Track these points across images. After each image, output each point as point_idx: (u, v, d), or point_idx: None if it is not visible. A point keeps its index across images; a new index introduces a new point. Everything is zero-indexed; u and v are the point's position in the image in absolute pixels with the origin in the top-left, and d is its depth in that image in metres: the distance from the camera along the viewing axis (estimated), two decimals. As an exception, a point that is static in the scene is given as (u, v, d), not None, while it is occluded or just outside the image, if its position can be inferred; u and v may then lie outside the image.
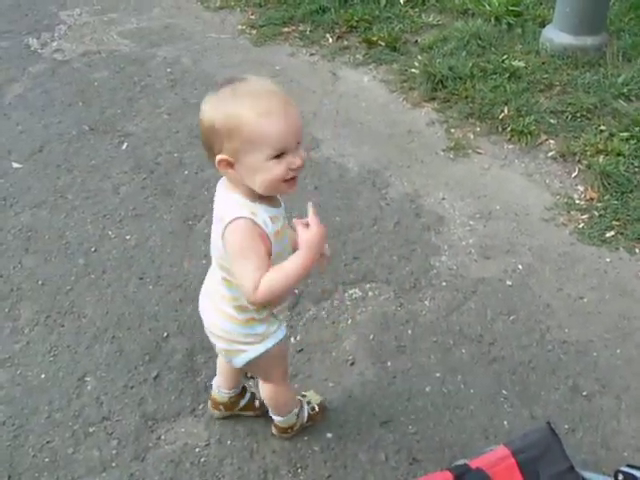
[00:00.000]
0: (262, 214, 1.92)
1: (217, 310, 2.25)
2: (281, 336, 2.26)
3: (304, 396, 2.71)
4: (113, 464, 2.61)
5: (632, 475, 1.67)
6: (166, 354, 3.01)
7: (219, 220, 1.97)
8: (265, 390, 2.50)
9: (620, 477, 1.69)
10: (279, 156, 1.82)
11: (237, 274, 1.96)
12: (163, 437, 2.71)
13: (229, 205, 1.96)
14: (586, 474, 1.81)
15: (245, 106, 1.78)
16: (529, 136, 4.36)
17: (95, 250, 3.58)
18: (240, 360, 2.26)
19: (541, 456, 1.75)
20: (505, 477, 1.71)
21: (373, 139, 4.41)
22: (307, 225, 1.93)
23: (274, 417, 2.60)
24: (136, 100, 4.89)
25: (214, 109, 1.85)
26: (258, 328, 2.19)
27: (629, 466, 1.70)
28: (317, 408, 2.69)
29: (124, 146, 4.40)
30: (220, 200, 2.03)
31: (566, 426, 2.72)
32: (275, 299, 2.04)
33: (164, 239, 3.64)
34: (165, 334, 3.10)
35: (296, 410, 2.59)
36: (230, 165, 1.87)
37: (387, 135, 4.45)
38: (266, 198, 1.95)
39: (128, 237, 3.67)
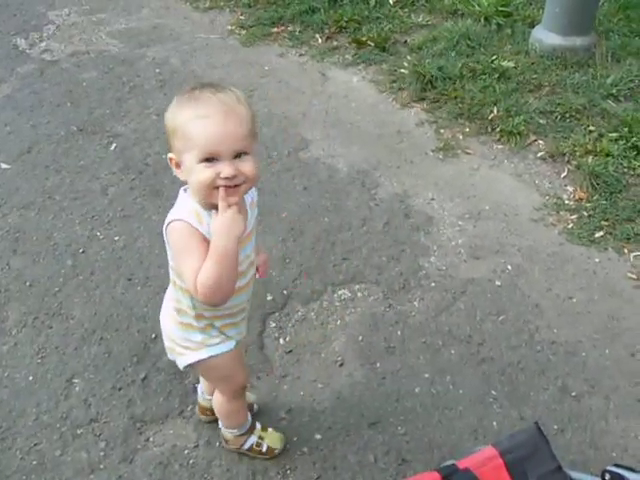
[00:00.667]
0: (208, 219, 1.92)
1: (165, 308, 2.32)
2: (224, 350, 2.23)
3: (264, 430, 2.64)
4: (101, 466, 2.60)
5: (619, 474, 1.66)
6: (154, 355, 3.00)
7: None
8: (214, 393, 2.51)
9: (607, 477, 1.69)
10: (209, 160, 1.82)
11: (182, 276, 1.97)
12: (151, 439, 2.70)
13: (176, 205, 2.00)
14: (574, 474, 1.81)
15: (189, 107, 1.83)
16: (518, 136, 4.36)
17: (83, 251, 3.57)
18: (180, 362, 2.28)
19: (529, 456, 1.74)
20: (493, 477, 1.70)
21: (362, 139, 4.41)
22: None
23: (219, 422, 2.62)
24: (125, 100, 4.87)
25: (170, 109, 1.91)
26: (194, 335, 2.19)
27: (616, 465, 1.70)
28: (265, 449, 2.59)
29: (113, 147, 4.38)
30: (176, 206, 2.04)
31: (555, 426, 2.72)
32: (218, 293, 1.91)
33: (152, 240, 3.62)
34: (153, 335, 3.08)
35: (237, 431, 2.57)
36: (177, 165, 1.92)
37: (376, 135, 4.45)
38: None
39: (116, 238, 3.65)
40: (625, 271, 3.45)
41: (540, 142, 4.35)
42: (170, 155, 1.92)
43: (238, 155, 1.85)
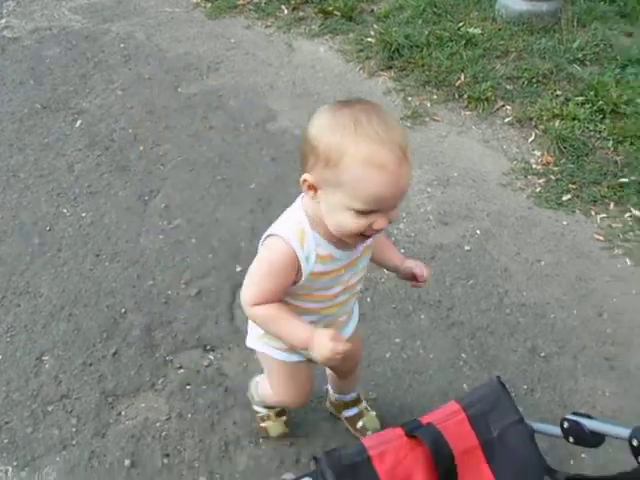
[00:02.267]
0: (311, 247, 1.75)
1: None
2: (277, 356, 2.11)
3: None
4: (73, 442, 2.59)
5: (576, 422, 1.68)
6: (124, 330, 2.98)
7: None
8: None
9: (566, 425, 1.71)
10: (365, 212, 1.61)
11: (248, 276, 1.83)
12: (123, 413, 2.69)
13: (284, 219, 1.83)
14: (535, 425, 1.83)
15: (359, 147, 1.53)
16: (486, 102, 4.37)
17: (50, 229, 3.53)
18: (247, 340, 2.22)
19: (491, 409, 1.75)
20: (456, 431, 1.71)
21: (330, 109, 4.37)
22: None
23: None
24: (89, 77, 4.80)
25: (325, 130, 1.60)
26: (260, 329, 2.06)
27: (574, 414, 1.72)
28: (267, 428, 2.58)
29: (78, 123, 4.33)
30: (285, 215, 1.87)
31: (525, 387, 2.75)
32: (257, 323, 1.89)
33: (120, 215, 3.59)
34: (123, 310, 3.06)
35: (261, 412, 2.57)
36: (313, 189, 1.67)
37: (344, 105, 4.41)
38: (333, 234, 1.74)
39: (83, 215, 3.61)
40: (592, 233, 3.48)
41: (507, 107, 4.36)
42: (307, 177, 1.66)
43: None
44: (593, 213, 3.59)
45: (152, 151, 4.06)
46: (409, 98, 4.46)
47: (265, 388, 2.38)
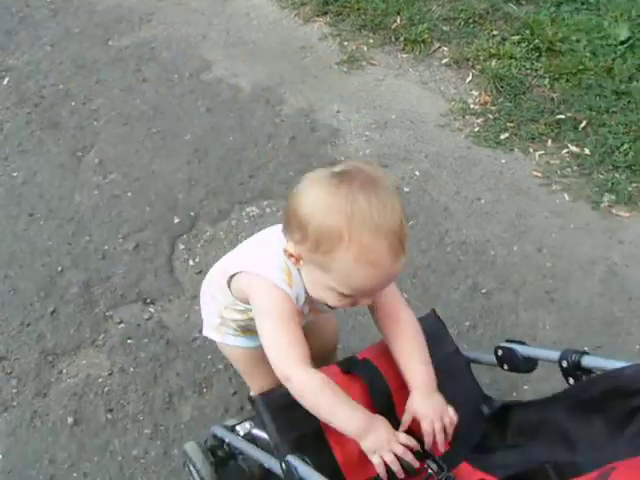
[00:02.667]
0: (301, 290, 1.64)
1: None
2: (236, 343, 2.04)
3: None
4: (14, 403, 2.54)
5: (510, 349, 1.69)
6: (62, 288, 2.92)
7: (231, 262, 1.77)
8: None
9: (500, 352, 1.72)
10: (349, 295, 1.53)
11: (269, 342, 1.63)
12: (65, 371, 2.65)
13: (263, 255, 1.68)
14: (471, 354, 1.84)
15: (354, 240, 1.40)
16: (422, 44, 4.33)
17: (-20, 190, 3.42)
18: (203, 328, 2.16)
19: (427, 341, 1.75)
20: (392, 365, 1.71)
21: (266, 57, 4.31)
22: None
23: None
24: (15, 33, 4.62)
25: (318, 209, 1.44)
26: (216, 321, 2.03)
27: (508, 341, 1.73)
28: None
29: (5, 81, 4.17)
30: (262, 244, 1.76)
31: (467, 323, 2.77)
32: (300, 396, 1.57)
33: (53, 173, 3.49)
34: (59, 268, 2.99)
35: None
36: (296, 259, 1.56)
37: (280, 52, 4.35)
38: None
39: (15, 174, 3.50)
40: (531, 170, 3.49)
41: (444, 49, 4.33)
42: (291, 252, 1.55)
43: None
44: (531, 150, 3.60)
45: (84, 106, 3.94)
46: (345, 43, 4.40)
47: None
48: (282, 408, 1.60)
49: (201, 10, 4.81)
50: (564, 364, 1.54)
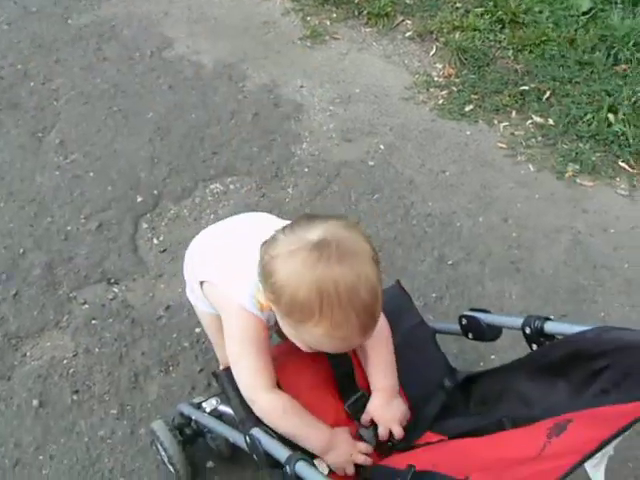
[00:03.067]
0: (272, 315, 1.61)
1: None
2: (206, 309, 2.01)
3: None
4: (-23, 388, 2.50)
5: (474, 317, 1.69)
6: (24, 270, 2.87)
7: (212, 268, 1.77)
8: None
9: (464, 321, 1.72)
10: None
11: (236, 363, 1.65)
12: (29, 354, 2.60)
13: (238, 283, 1.65)
14: (437, 325, 1.84)
15: (324, 315, 1.38)
16: (386, 18, 4.31)
17: (-62, 172, 3.35)
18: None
19: (392, 314, 1.75)
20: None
21: (228, 33, 4.26)
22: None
23: None
24: (-30, 13, 4.54)
25: (292, 281, 1.41)
26: (197, 290, 1.96)
27: (472, 310, 1.73)
28: None
29: (-39, 62, 4.10)
30: (238, 252, 1.72)
31: (434, 295, 2.77)
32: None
33: (13, 154, 3.43)
34: (21, 250, 2.95)
35: None
36: (269, 308, 1.56)
37: (242, 28, 4.30)
38: None
39: (-26, 153, 3.45)
40: (495, 141, 3.50)
41: (408, 22, 4.31)
42: (260, 299, 1.56)
43: None
44: (496, 122, 3.60)
45: (44, 86, 3.87)
46: (308, 18, 4.37)
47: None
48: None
49: (162, -14, 4.74)
50: (527, 330, 1.55)
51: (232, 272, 1.70)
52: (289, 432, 1.55)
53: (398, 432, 1.61)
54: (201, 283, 1.85)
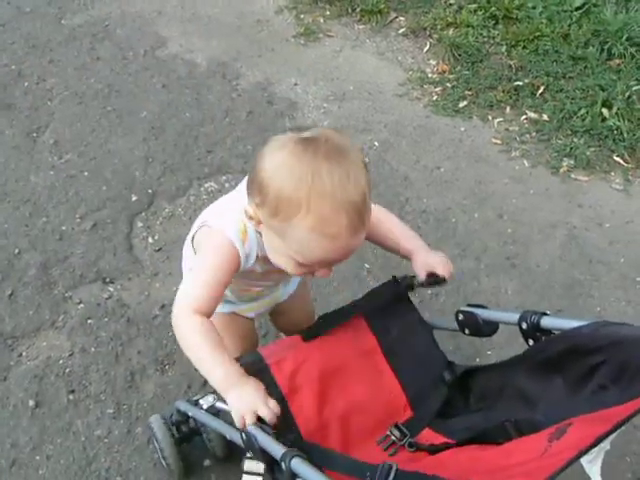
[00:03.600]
0: (253, 246, 1.59)
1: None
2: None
3: None
4: (-27, 388, 2.50)
5: (471, 312, 1.69)
6: (19, 270, 2.86)
7: (202, 217, 1.70)
8: None
9: (461, 317, 1.72)
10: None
11: (190, 277, 1.65)
12: (25, 354, 2.60)
13: (222, 210, 1.66)
14: (434, 321, 1.84)
15: (312, 211, 1.35)
16: (379, 15, 4.31)
17: None
18: None
19: (389, 310, 1.76)
20: (354, 334, 1.72)
21: (221, 32, 4.26)
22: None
23: None
24: (-36, 13, 4.53)
25: (280, 174, 1.38)
26: None
27: (469, 305, 1.73)
28: None
29: (-45, 63, 4.09)
30: (227, 199, 1.70)
31: (429, 292, 2.76)
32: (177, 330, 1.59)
33: (7, 155, 3.42)
34: (17, 250, 2.94)
35: None
36: (256, 221, 1.50)
37: (236, 27, 4.31)
38: None
39: (-31, 157, 3.44)
40: (490, 137, 3.50)
41: (401, 19, 4.32)
42: (252, 214, 1.48)
43: None
44: (490, 118, 3.61)
45: (38, 86, 3.87)
46: (302, 16, 4.37)
47: None
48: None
49: (155, -15, 4.74)
50: (524, 326, 1.54)
51: (222, 209, 1.68)
52: (192, 356, 1.53)
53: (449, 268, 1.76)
54: (194, 234, 1.78)
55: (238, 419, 1.47)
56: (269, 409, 1.46)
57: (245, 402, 1.47)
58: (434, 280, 1.74)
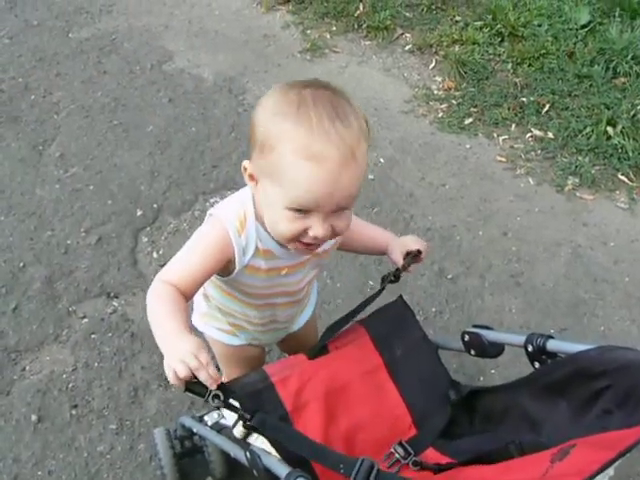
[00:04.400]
0: (251, 238, 1.55)
1: None
2: (219, 338, 1.94)
3: None
4: (-24, 402, 2.49)
5: (476, 334, 1.69)
6: (24, 284, 2.87)
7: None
8: None
9: (466, 338, 1.72)
10: (300, 211, 1.39)
11: (173, 260, 1.58)
12: (28, 368, 2.60)
13: (230, 200, 1.60)
14: (439, 340, 1.83)
15: (296, 133, 1.32)
16: (385, 31, 4.33)
17: (-62, 186, 3.35)
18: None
19: (395, 329, 1.76)
20: (360, 352, 1.72)
21: (228, 47, 4.27)
22: None
23: None
24: (-28, 26, 4.55)
25: (267, 112, 1.38)
26: (202, 304, 1.91)
27: (474, 326, 1.73)
28: None
29: (-38, 75, 4.11)
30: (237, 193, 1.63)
31: (433, 309, 2.76)
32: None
33: (13, 167, 3.44)
34: (21, 264, 2.95)
35: None
36: (253, 179, 1.46)
37: (242, 42, 4.32)
38: None
39: (-26, 169, 3.45)
40: (495, 155, 3.50)
41: (407, 35, 4.33)
42: (245, 165, 1.46)
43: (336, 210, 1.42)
44: (495, 135, 3.61)
45: (44, 100, 3.89)
46: (308, 31, 4.39)
47: None
48: (248, 396, 1.59)
49: (163, 0, 4.77)
50: (530, 348, 1.54)
51: (229, 200, 1.62)
52: (151, 316, 1.45)
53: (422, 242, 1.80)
54: None
55: (168, 373, 1.31)
56: (198, 362, 1.29)
57: (177, 352, 1.31)
58: (411, 258, 1.78)
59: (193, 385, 1.31)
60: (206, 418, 1.97)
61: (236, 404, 1.38)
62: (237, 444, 1.68)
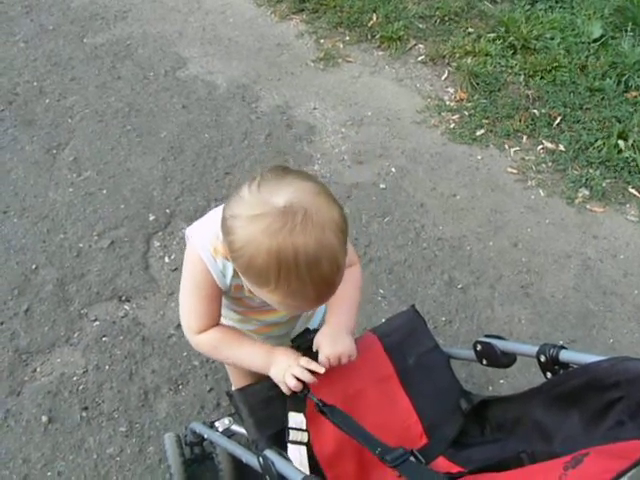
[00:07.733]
0: (228, 263, 1.55)
1: None
2: None
3: None
4: (-13, 403, 2.51)
5: (489, 344, 1.69)
6: (36, 286, 2.89)
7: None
8: None
9: (479, 347, 1.72)
10: None
11: (181, 302, 1.67)
12: (39, 369, 2.62)
13: (206, 219, 1.62)
14: (450, 350, 1.84)
15: (280, 284, 1.32)
16: (398, 42, 4.34)
17: (-47, 187, 3.38)
18: None
19: (407, 338, 1.76)
20: (372, 361, 1.72)
21: (242, 54, 4.30)
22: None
23: None
24: (-12, 30, 4.59)
25: (252, 243, 1.31)
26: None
27: (487, 336, 1.73)
28: None
29: (-22, 78, 4.14)
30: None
31: (443, 318, 2.77)
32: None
33: (27, 170, 3.46)
34: (34, 266, 2.96)
35: None
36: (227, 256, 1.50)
37: (256, 50, 4.34)
38: None
39: (-12, 172, 3.47)
40: (506, 166, 3.51)
41: (420, 46, 4.34)
42: (218, 248, 1.52)
43: None
44: (507, 147, 3.62)
45: (59, 104, 3.91)
46: (321, 40, 4.41)
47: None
48: (260, 403, 1.61)
49: (177, 7, 4.79)
50: (542, 358, 1.54)
51: (206, 218, 1.64)
52: (232, 359, 1.68)
53: (325, 362, 1.60)
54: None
55: (283, 389, 1.58)
56: (300, 368, 1.55)
57: (279, 369, 1.57)
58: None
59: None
60: (217, 424, 1.97)
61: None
62: (248, 449, 1.69)
